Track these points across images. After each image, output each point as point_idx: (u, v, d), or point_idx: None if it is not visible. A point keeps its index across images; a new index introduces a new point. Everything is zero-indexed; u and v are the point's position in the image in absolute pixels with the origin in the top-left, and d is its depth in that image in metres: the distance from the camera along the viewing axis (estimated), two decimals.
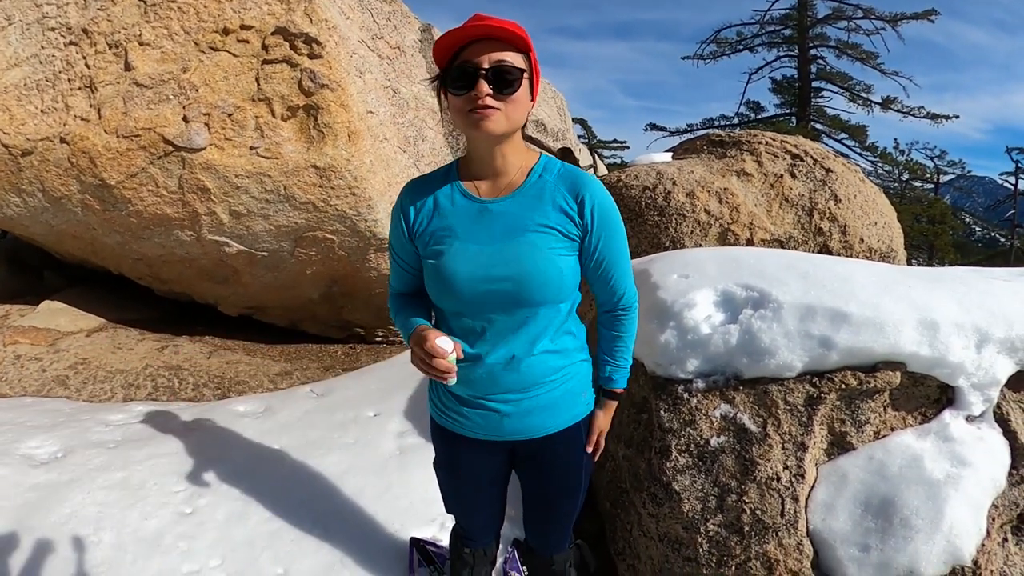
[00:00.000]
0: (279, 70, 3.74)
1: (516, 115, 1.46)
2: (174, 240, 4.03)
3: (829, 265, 2.43)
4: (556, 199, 1.53)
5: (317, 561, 2.42)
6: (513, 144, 1.53)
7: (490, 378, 1.59)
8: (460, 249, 1.51)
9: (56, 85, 3.73)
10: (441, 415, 1.76)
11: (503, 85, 1.40)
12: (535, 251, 1.50)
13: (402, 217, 1.61)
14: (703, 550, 2.05)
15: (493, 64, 1.38)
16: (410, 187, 1.64)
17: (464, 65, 1.39)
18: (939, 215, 21.19)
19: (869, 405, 2.13)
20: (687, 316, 2.27)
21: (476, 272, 1.50)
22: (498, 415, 1.63)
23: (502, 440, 1.70)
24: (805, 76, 22.25)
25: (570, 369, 1.68)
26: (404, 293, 1.75)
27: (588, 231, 1.55)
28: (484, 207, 1.54)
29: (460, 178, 1.59)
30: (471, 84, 1.39)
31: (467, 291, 1.51)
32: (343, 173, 3.79)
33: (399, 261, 1.69)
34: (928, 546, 1.90)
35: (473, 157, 1.57)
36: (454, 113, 1.47)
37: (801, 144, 4.00)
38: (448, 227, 1.54)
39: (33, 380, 3.85)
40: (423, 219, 1.58)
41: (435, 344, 1.42)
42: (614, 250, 1.60)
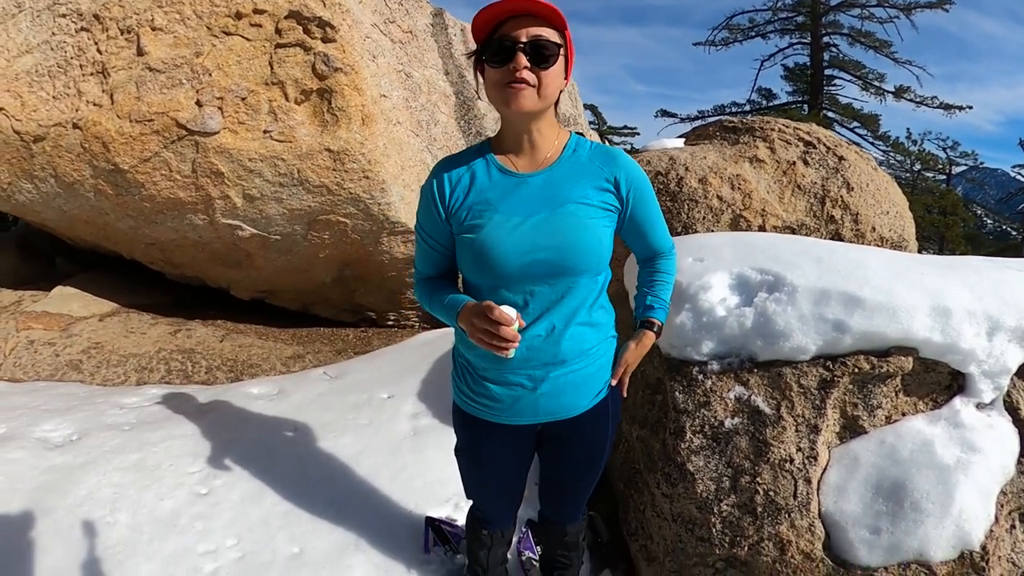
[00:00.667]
0: (292, 54, 3.74)
1: (550, 91, 1.49)
2: (187, 224, 4.05)
3: (843, 251, 2.43)
4: (591, 173, 1.57)
5: (332, 540, 2.44)
6: (547, 120, 1.56)
7: (529, 352, 1.58)
8: (501, 222, 1.52)
9: (68, 71, 3.74)
10: (467, 402, 1.75)
11: (540, 59, 1.43)
12: (576, 221, 1.52)
13: (436, 194, 1.60)
14: (716, 530, 2.06)
15: (531, 38, 1.42)
16: (443, 164, 1.65)
17: (503, 39, 1.42)
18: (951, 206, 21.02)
19: (881, 390, 2.13)
20: (702, 298, 2.28)
21: (519, 244, 1.51)
22: (532, 393, 1.63)
23: (531, 423, 1.71)
24: (817, 64, 22.04)
25: (602, 345, 1.70)
26: (432, 277, 1.75)
27: (626, 202, 1.61)
28: (522, 180, 1.56)
29: (494, 154, 1.61)
30: (509, 57, 1.42)
31: (510, 263, 1.52)
32: (356, 156, 3.79)
33: (429, 241, 1.68)
34: (938, 530, 1.90)
35: (507, 133, 1.59)
36: (490, 87, 1.50)
37: (814, 131, 3.97)
38: (486, 201, 1.55)
39: (47, 365, 3.89)
40: (459, 195, 1.58)
41: (503, 311, 1.41)
42: (651, 213, 1.70)
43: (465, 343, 1.68)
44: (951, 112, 21.24)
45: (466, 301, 1.55)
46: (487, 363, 1.65)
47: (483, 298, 1.52)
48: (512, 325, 1.42)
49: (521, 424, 1.71)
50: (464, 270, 1.64)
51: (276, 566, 2.33)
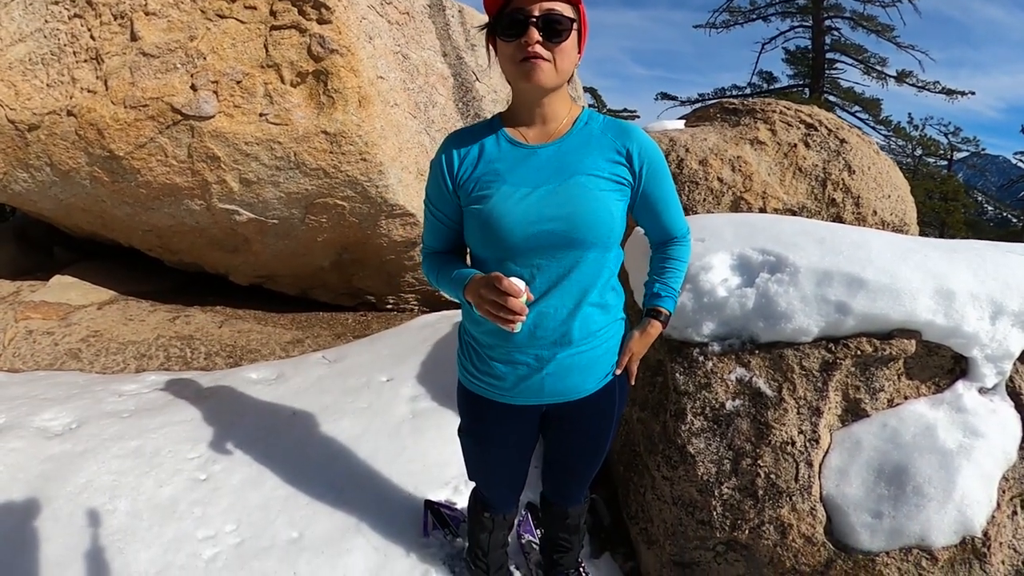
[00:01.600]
0: (288, 36, 3.70)
1: (565, 65, 1.46)
2: (184, 210, 4.02)
3: (845, 232, 2.41)
4: (604, 146, 1.54)
5: (332, 524, 2.44)
6: (560, 94, 1.54)
7: (536, 330, 1.57)
8: (509, 192, 1.50)
9: (61, 58, 3.71)
10: (473, 381, 1.73)
11: (553, 34, 1.40)
12: (586, 192, 1.50)
13: (444, 166, 1.59)
14: (717, 513, 2.06)
15: (544, 12, 1.39)
16: (452, 137, 1.63)
17: (515, 12, 1.40)
18: (952, 192, 20.95)
19: (884, 372, 2.12)
20: (703, 279, 2.26)
21: (526, 214, 1.49)
22: (538, 373, 1.61)
23: (536, 404, 1.69)
24: (819, 47, 21.88)
25: (611, 327, 1.68)
26: (440, 251, 1.73)
27: (639, 176, 1.57)
28: (532, 151, 1.54)
29: (505, 127, 1.59)
30: (521, 31, 1.40)
31: (517, 234, 1.50)
32: (353, 139, 3.76)
33: (437, 215, 1.67)
34: (940, 515, 1.90)
35: (519, 106, 1.57)
36: (503, 61, 1.48)
37: (816, 114, 3.94)
38: (495, 171, 1.53)
39: (46, 354, 3.88)
40: (467, 167, 1.56)
41: (512, 282, 1.39)
42: (665, 191, 1.65)
43: (472, 320, 1.66)
44: (953, 98, 21.13)
45: (473, 274, 1.53)
46: (494, 341, 1.63)
47: (490, 271, 1.50)
48: (520, 297, 1.39)
49: (526, 404, 1.70)
50: (471, 243, 1.63)
51: (275, 550, 2.32)
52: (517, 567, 2.42)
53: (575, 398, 1.68)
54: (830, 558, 1.96)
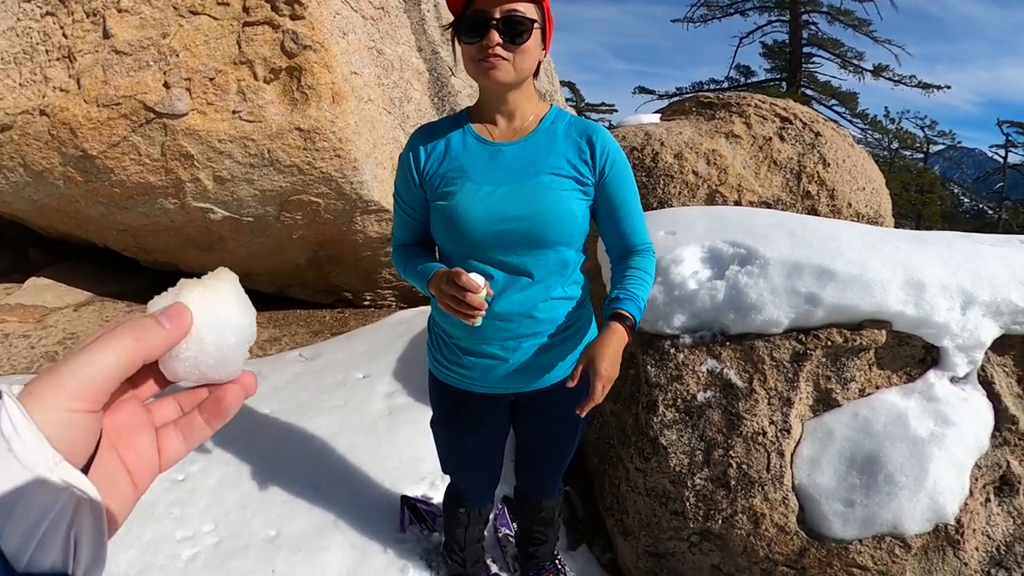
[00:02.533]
0: (261, 32, 3.66)
1: (525, 65, 1.48)
2: (158, 209, 3.98)
3: (816, 224, 2.43)
4: (568, 144, 1.55)
5: (309, 521, 2.44)
6: (524, 91, 1.55)
7: (500, 323, 1.58)
8: (473, 190, 1.51)
9: (34, 57, 3.65)
10: (442, 370, 1.75)
11: (514, 35, 1.41)
12: (548, 191, 1.51)
13: (411, 161, 1.60)
14: (690, 504, 2.07)
15: (504, 14, 1.40)
16: (420, 132, 1.64)
17: (476, 14, 1.41)
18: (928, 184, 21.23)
19: (855, 363, 2.14)
20: (674, 272, 2.27)
21: (489, 212, 1.50)
22: (504, 363, 1.63)
23: (505, 392, 1.71)
24: (796, 41, 22.07)
25: (576, 319, 1.70)
26: (409, 243, 1.74)
27: (602, 175, 1.56)
28: (497, 149, 1.55)
29: (471, 124, 1.60)
30: (482, 33, 1.41)
31: (480, 231, 1.51)
32: (327, 135, 3.73)
33: (405, 209, 1.67)
34: (912, 503, 1.92)
35: (485, 103, 1.58)
36: (466, 61, 1.49)
37: (791, 107, 3.97)
38: (460, 168, 1.54)
39: (22, 358, 3.83)
40: (434, 162, 1.57)
41: (470, 278, 1.40)
42: (627, 196, 1.61)
43: (440, 312, 1.68)
44: (929, 91, 21.40)
45: (438, 268, 1.54)
46: (461, 332, 1.64)
47: (455, 265, 1.52)
48: (479, 292, 1.40)
49: (495, 393, 1.72)
50: (437, 237, 1.64)
51: (253, 549, 2.31)
52: (494, 560, 2.43)
53: (542, 386, 1.71)
54: (803, 547, 1.98)
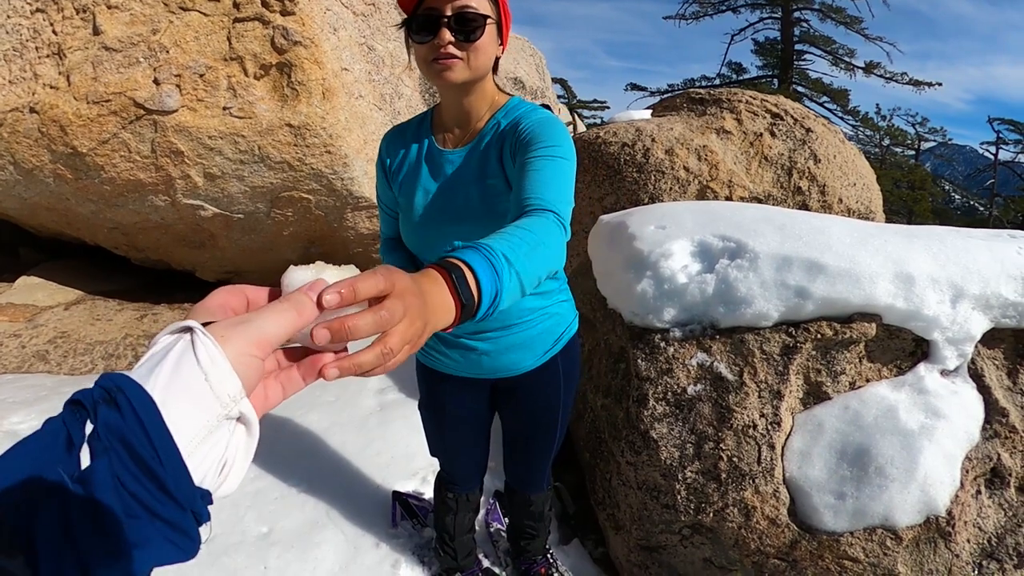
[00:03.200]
0: (251, 28, 3.65)
1: (479, 62, 1.41)
2: (149, 206, 3.97)
3: (805, 218, 2.43)
4: (504, 142, 1.46)
5: (301, 518, 2.44)
6: (480, 91, 1.49)
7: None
8: (421, 201, 1.55)
9: (24, 54, 3.63)
10: (425, 355, 1.82)
11: (467, 32, 1.36)
12: (485, 203, 1.48)
13: (381, 166, 1.66)
14: (681, 497, 2.08)
15: (456, 11, 1.34)
16: (388, 136, 1.67)
17: (427, 12, 1.35)
18: (919, 181, 21.33)
19: (845, 356, 2.15)
20: (663, 266, 2.27)
21: (430, 220, 1.54)
22: (476, 353, 1.69)
23: (482, 378, 1.77)
24: (788, 38, 22.12)
25: (549, 309, 1.72)
26: (392, 237, 1.79)
27: (514, 146, 1.39)
28: (444, 157, 1.55)
29: (432, 126, 1.60)
30: (434, 31, 1.35)
31: (430, 241, 1.57)
32: (318, 131, 3.73)
33: (385, 208, 1.74)
34: (903, 495, 1.92)
35: (443, 103, 1.57)
36: (419, 63, 1.44)
37: (781, 104, 3.98)
38: (413, 177, 1.58)
39: (13, 357, 3.82)
40: (397, 167, 1.62)
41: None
42: (539, 156, 1.28)
43: None
44: (920, 89, 21.47)
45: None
46: None
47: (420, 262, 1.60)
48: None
49: (474, 378, 1.78)
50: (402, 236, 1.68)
51: (245, 546, 2.31)
52: (486, 555, 2.43)
53: (516, 374, 1.75)
54: (794, 539, 1.99)
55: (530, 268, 0.96)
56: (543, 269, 1.01)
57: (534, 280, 0.98)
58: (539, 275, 1.00)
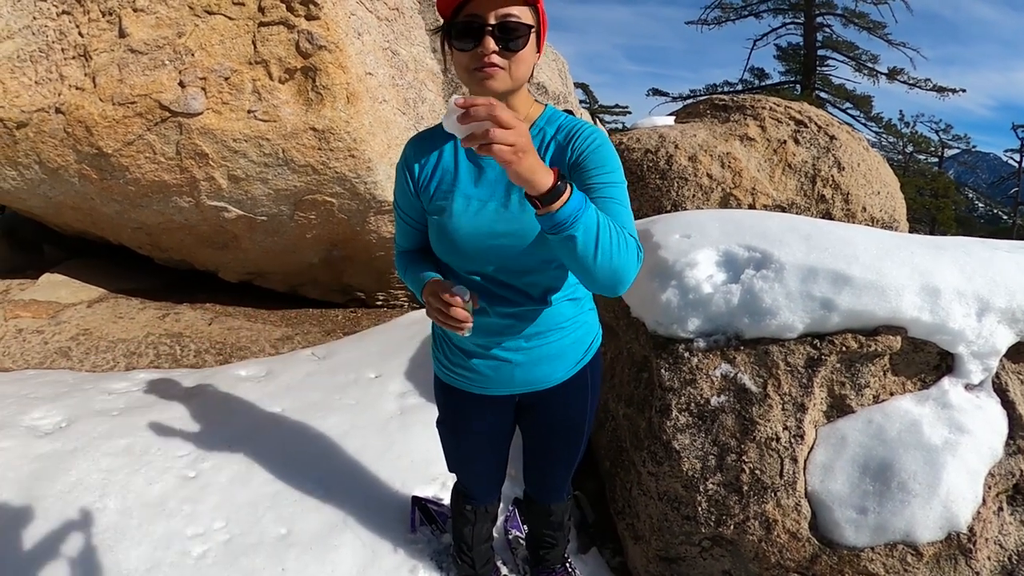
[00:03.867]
0: (276, 32, 3.68)
1: (521, 72, 1.41)
2: (173, 207, 4.00)
3: (831, 228, 2.42)
4: (553, 150, 1.48)
5: (320, 520, 2.44)
6: (518, 98, 1.49)
7: (500, 327, 1.58)
8: (462, 206, 1.50)
9: (50, 55, 3.68)
10: (447, 372, 1.76)
11: (509, 41, 1.35)
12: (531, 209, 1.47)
13: (407, 173, 1.58)
14: (702, 509, 2.06)
15: (500, 19, 1.33)
16: (414, 143, 1.61)
17: (470, 20, 1.34)
18: (942, 189, 21.09)
19: (869, 369, 2.13)
20: (688, 275, 2.27)
21: (479, 229, 1.48)
22: (509, 364, 1.64)
23: (510, 393, 1.72)
24: (811, 44, 21.97)
25: (579, 318, 1.70)
26: (410, 250, 1.73)
27: (581, 165, 1.43)
28: (485, 162, 1.51)
29: None
30: (477, 40, 1.34)
31: (471, 247, 1.50)
32: (342, 135, 3.75)
33: (405, 218, 1.66)
34: (925, 511, 1.91)
35: None
36: (458, 69, 1.43)
37: (805, 111, 3.96)
38: (450, 183, 1.52)
39: (35, 353, 3.86)
40: (427, 173, 1.55)
41: (451, 293, 1.40)
42: (611, 182, 1.41)
43: None
44: (944, 95, 21.25)
45: (430, 278, 1.53)
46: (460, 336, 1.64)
47: (452, 275, 1.54)
48: (461, 306, 1.40)
49: (499, 395, 1.72)
50: (434, 249, 1.63)
51: (264, 547, 2.32)
52: (504, 563, 2.43)
53: (546, 386, 1.71)
54: (815, 553, 1.97)
55: (607, 239, 1.21)
56: (615, 252, 1.23)
57: (605, 252, 1.22)
58: (611, 253, 1.23)
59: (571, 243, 1.19)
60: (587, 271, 1.25)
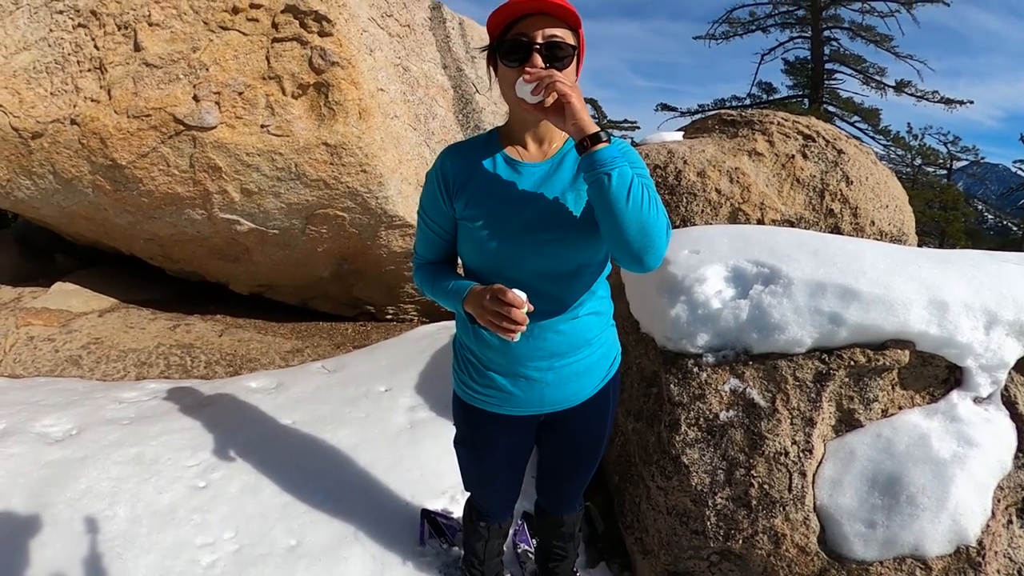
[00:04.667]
0: (289, 48, 3.73)
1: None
2: (185, 219, 4.05)
3: (839, 243, 2.43)
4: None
5: (329, 532, 2.45)
6: None
7: (533, 342, 1.60)
8: (503, 209, 1.54)
9: (65, 67, 3.74)
10: (470, 394, 1.76)
11: (555, 60, 1.43)
12: (574, 210, 1.52)
13: (440, 178, 1.61)
14: (711, 523, 2.07)
15: (547, 39, 1.41)
16: (449, 150, 1.66)
17: (518, 38, 1.42)
18: (951, 201, 20.98)
19: (877, 383, 2.13)
20: (698, 291, 2.28)
21: (519, 231, 1.52)
22: (540, 384, 1.65)
23: (536, 413, 1.72)
24: (818, 58, 21.96)
25: (603, 334, 1.72)
26: (432, 262, 1.75)
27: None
28: (525, 169, 1.56)
29: (501, 144, 1.61)
30: (525, 57, 1.42)
31: (510, 251, 1.53)
32: (354, 150, 3.79)
33: (432, 226, 1.68)
34: (933, 525, 1.90)
35: (515, 125, 1.60)
36: (503, 85, 1.50)
37: (813, 125, 3.96)
38: (489, 189, 1.56)
39: (46, 360, 3.89)
40: (463, 181, 1.59)
41: (515, 294, 1.41)
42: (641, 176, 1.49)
43: (469, 335, 1.69)
44: (952, 107, 21.16)
45: (472, 285, 1.55)
46: (493, 355, 1.66)
47: (484, 283, 1.54)
48: (523, 308, 1.42)
49: (525, 415, 1.73)
50: (465, 255, 1.66)
51: (273, 558, 2.33)
52: None
53: (573, 405, 1.72)
54: (824, 567, 1.97)
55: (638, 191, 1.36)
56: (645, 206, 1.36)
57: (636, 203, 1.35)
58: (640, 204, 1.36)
59: (606, 184, 1.34)
60: (618, 222, 1.36)
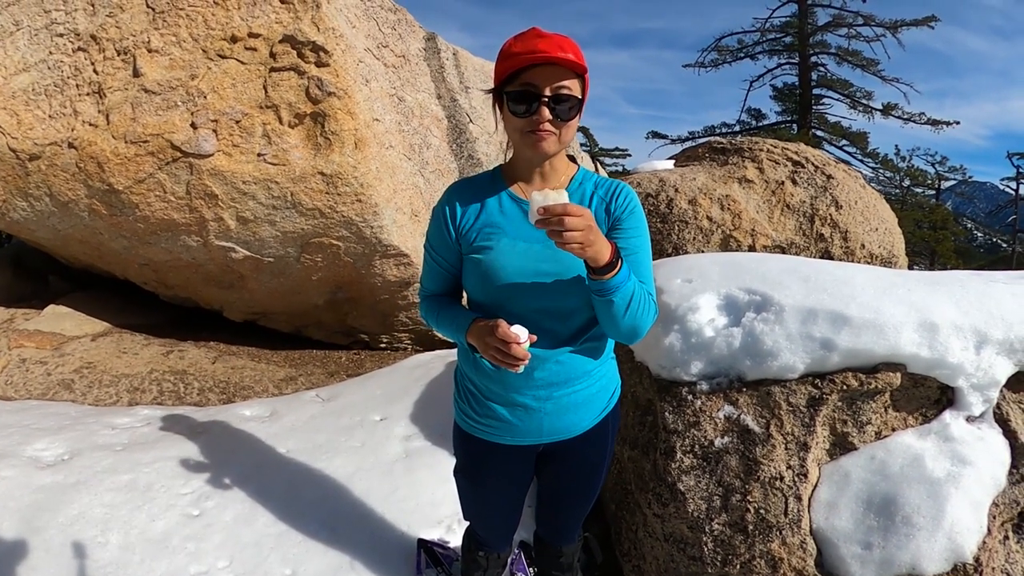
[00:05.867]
0: (286, 78, 3.77)
1: (568, 137, 1.56)
2: (181, 245, 4.05)
3: (829, 269, 2.46)
4: (595, 203, 1.62)
5: (324, 562, 2.43)
6: (559, 159, 1.63)
7: (534, 371, 1.61)
8: (509, 245, 1.58)
9: (64, 90, 3.76)
10: (471, 424, 1.77)
11: (562, 112, 1.48)
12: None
13: (447, 213, 1.65)
14: (708, 549, 2.07)
15: (554, 91, 1.46)
16: (456, 187, 1.70)
17: (527, 88, 1.46)
18: (940, 221, 21.23)
19: (870, 406, 2.15)
20: (691, 320, 2.30)
21: (524, 267, 1.56)
22: (538, 414, 1.67)
23: (535, 443, 1.74)
24: (806, 83, 22.29)
25: (603, 366, 1.74)
26: (438, 295, 1.78)
27: (617, 221, 1.61)
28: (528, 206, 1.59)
29: (506, 182, 1.66)
30: (532, 109, 1.47)
31: (514, 286, 1.56)
32: (349, 180, 3.82)
33: (438, 260, 1.72)
34: (930, 544, 1.92)
35: (520, 164, 1.65)
36: (511, 130, 1.56)
37: (802, 151, 4.03)
38: (495, 224, 1.61)
39: (38, 384, 3.87)
40: (470, 217, 1.63)
41: (510, 331, 1.45)
42: (638, 244, 1.64)
43: (470, 365, 1.72)
44: (939, 128, 21.46)
45: (475, 317, 1.58)
46: (493, 385, 1.68)
47: (488, 316, 1.57)
48: (523, 343, 1.45)
49: (524, 444, 1.74)
50: (469, 288, 1.68)
51: None
52: None
53: (572, 435, 1.73)
54: None
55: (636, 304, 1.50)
56: (640, 313, 1.52)
57: (633, 313, 1.50)
58: (636, 314, 1.51)
59: (610, 304, 1.47)
60: (614, 324, 1.52)
